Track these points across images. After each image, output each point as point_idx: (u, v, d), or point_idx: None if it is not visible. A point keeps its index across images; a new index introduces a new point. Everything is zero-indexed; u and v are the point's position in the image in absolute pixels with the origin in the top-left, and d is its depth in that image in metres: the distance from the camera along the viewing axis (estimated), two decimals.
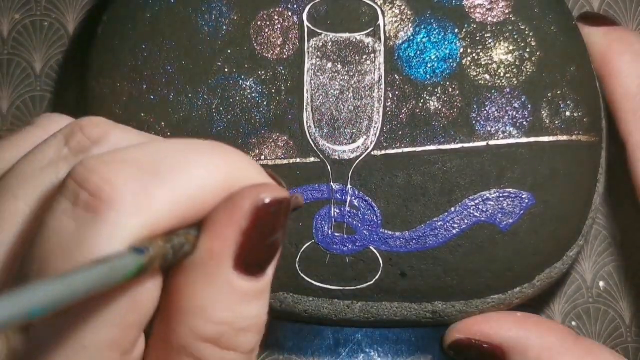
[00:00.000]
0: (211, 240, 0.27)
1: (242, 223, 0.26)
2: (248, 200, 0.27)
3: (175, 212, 0.26)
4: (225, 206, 0.27)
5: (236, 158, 0.28)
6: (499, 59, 0.38)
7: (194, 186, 0.26)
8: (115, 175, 0.25)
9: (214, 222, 0.27)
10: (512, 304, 0.39)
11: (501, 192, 0.38)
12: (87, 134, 0.28)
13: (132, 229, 0.25)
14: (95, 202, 0.25)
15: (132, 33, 0.39)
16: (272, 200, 0.27)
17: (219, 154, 0.28)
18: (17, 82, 0.46)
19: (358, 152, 0.38)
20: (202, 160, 0.27)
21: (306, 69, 0.39)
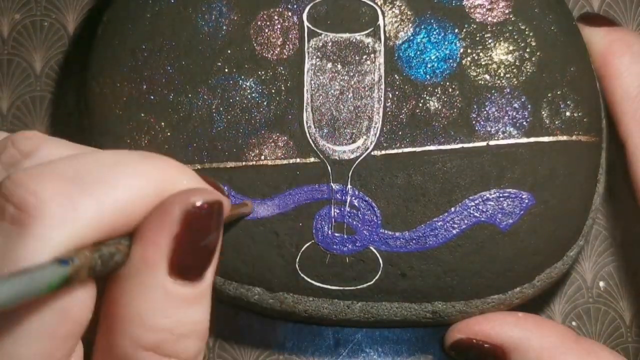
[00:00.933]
0: (143, 247, 0.27)
1: (173, 228, 0.26)
2: (177, 205, 0.27)
3: (103, 222, 0.26)
4: (155, 213, 0.27)
5: (166, 165, 0.28)
6: (499, 59, 0.38)
7: (122, 196, 0.26)
8: (41, 188, 0.25)
9: (145, 229, 0.27)
10: (512, 304, 0.39)
11: (501, 192, 0.38)
12: (18, 147, 0.28)
13: (57, 241, 0.25)
14: (21, 215, 0.25)
15: (132, 33, 0.39)
16: (202, 203, 0.27)
17: (148, 163, 0.28)
18: (17, 82, 0.46)
19: (358, 152, 0.38)
20: (130, 169, 0.27)
21: (306, 69, 0.39)
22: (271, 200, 0.38)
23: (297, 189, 0.38)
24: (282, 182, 0.38)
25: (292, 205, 0.38)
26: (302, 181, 0.38)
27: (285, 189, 0.38)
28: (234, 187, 0.38)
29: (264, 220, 0.38)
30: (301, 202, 0.38)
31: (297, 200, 0.38)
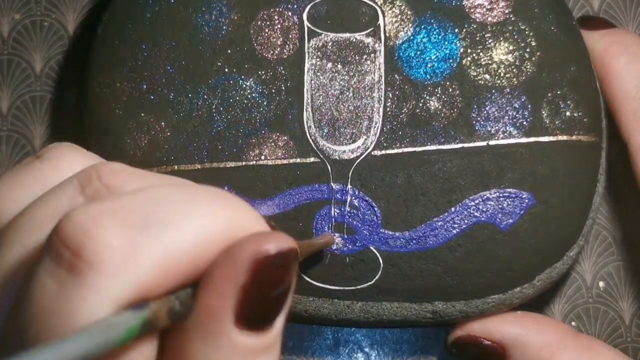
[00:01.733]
0: (208, 296, 0.25)
1: (240, 278, 0.24)
2: (246, 253, 0.24)
3: (167, 270, 0.24)
4: (222, 260, 0.25)
5: (235, 207, 0.26)
6: (499, 59, 0.38)
7: (189, 240, 0.24)
8: (101, 232, 0.23)
9: (211, 277, 0.25)
10: (512, 303, 0.39)
11: (501, 192, 0.38)
12: (104, 181, 0.26)
13: (118, 292, 0.23)
14: (78, 263, 0.23)
15: (132, 33, 0.39)
16: (276, 252, 0.25)
17: (217, 202, 0.26)
18: (17, 82, 0.46)
19: (358, 152, 0.38)
20: (199, 209, 0.25)
21: (306, 69, 0.39)
22: (271, 200, 0.38)
23: (297, 189, 0.38)
24: (282, 181, 0.38)
25: (292, 205, 0.38)
26: (302, 181, 0.38)
27: (286, 189, 0.38)
28: (234, 187, 0.38)
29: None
30: (301, 202, 0.38)
31: (297, 200, 0.38)
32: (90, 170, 0.27)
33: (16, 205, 0.28)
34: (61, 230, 0.24)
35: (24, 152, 0.45)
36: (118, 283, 0.23)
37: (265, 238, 0.25)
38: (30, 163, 0.29)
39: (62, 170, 0.28)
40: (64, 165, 0.29)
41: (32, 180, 0.29)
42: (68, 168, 0.28)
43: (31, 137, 0.45)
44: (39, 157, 0.29)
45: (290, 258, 0.25)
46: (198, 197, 0.26)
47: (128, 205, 0.24)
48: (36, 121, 0.46)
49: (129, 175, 0.27)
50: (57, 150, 0.30)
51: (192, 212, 0.25)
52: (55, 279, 0.23)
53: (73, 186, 0.27)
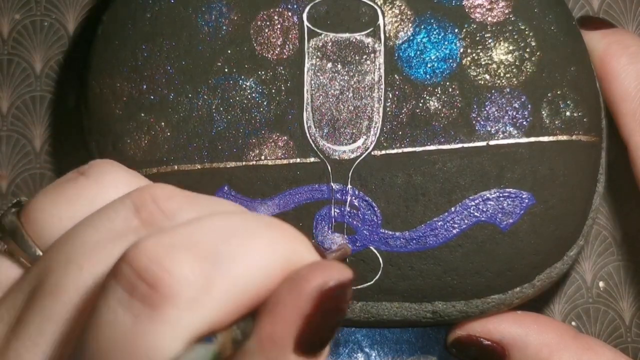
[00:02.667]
0: (272, 324, 0.25)
1: (305, 308, 0.25)
2: (311, 284, 0.25)
3: (236, 302, 0.25)
4: (287, 290, 0.25)
5: (292, 236, 0.26)
6: (499, 59, 0.38)
7: (255, 272, 0.25)
8: (176, 265, 0.24)
9: (275, 306, 0.25)
10: (513, 303, 0.39)
11: (501, 192, 0.38)
12: (160, 206, 0.27)
13: (192, 326, 0.23)
14: (154, 296, 0.23)
15: (132, 33, 0.39)
16: (337, 284, 0.25)
17: (277, 233, 0.26)
18: (17, 82, 0.46)
19: (358, 152, 0.38)
20: (262, 242, 0.25)
21: (306, 69, 0.39)
22: (271, 200, 0.38)
23: (297, 189, 0.38)
24: (282, 181, 0.38)
25: (292, 205, 0.38)
26: (302, 181, 0.38)
27: (286, 189, 0.38)
28: (234, 187, 0.38)
29: None
30: (301, 202, 0.38)
31: (297, 200, 0.38)
32: (144, 192, 0.27)
33: (62, 222, 0.28)
34: (133, 260, 0.24)
35: (24, 152, 0.45)
36: (193, 317, 0.23)
37: (329, 270, 0.25)
38: (73, 179, 0.29)
39: (107, 187, 0.29)
40: (109, 182, 0.29)
41: (76, 196, 0.29)
42: (113, 185, 0.29)
43: (31, 137, 0.45)
44: (83, 173, 0.29)
45: (349, 287, 0.26)
46: (259, 227, 0.26)
47: (197, 237, 0.25)
48: (36, 121, 0.46)
49: (183, 199, 0.27)
50: (101, 166, 0.30)
51: (257, 244, 0.25)
52: (129, 310, 0.23)
53: (127, 208, 0.27)
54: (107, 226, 0.27)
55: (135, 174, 0.30)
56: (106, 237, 0.26)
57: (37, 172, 0.45)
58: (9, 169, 0.45)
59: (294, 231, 0.27)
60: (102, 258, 0.26)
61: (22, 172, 0.45)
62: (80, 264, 0.26)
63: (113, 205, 0.27)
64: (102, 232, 0.26)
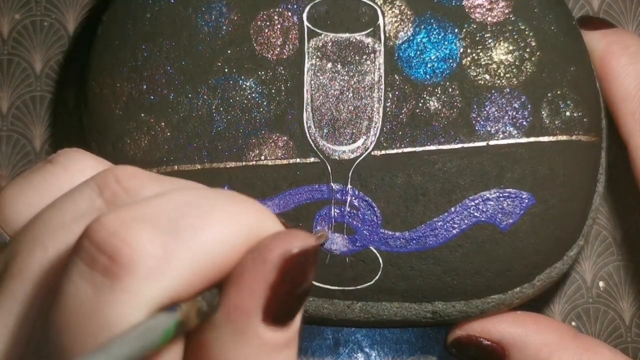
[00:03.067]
0: (237, 295, 0.25)
1: (270, 277, 0.25)
2: (274, 252, 0.25)
3: (197, 273, 0.25)
4: (250, 259, 0.26)
5: (254, 208, 0.27)
6: (499, 59, 0.38)
7: (216, 243, 0.25)
8: (135, 237, 0.24)
9: (240, 276, 0.25)
10: (513, 304, 0.39)
11: (501, 192, 0.38)
12: (123, 185, 0.27)
13: (152, 296, 0.24)
14: (114, 267, 0.23)
15: (131, 33, 0.39)
16: (300, 250, 0.25)
17: (238, 206, 0.26)
18: (17, 82, 0.46)
19: (358, 152, 0.38)
20: (223, 214, 0.26)
21: (306, 69, 0.39)
22: (271, 200, 0.38)
23: (297, 189, 0.38)
24: (282, 182, 0.38)
25: (292, 205, 0.38)
26: (302, 181, 0.38)
27: (286, 189, 0.38)
28: (234, 187, 0.38)
29: None
30: (301, 202, 0.38)
31: (297, 200, 0.38)
32: (107, 173, 0.27)
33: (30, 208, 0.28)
34: (93, 234, 0.24)
35: (24, 152, 0.45)
36: (154, 286, 0.24)
37: (291, 237, 0.26)
38: (41, 167, 0.29)
39: (74, 174, 0.29)
40: (76, 169, 0.29)
41: (44, 183, 0.29)
42: (80, 172, 0.29)
43: (31, 137, 0.45)
44: (51, 161, 0.29)
45: (313, 255, 0.26)
46: (219, 200, 0.26)
47: (157, 210, 0.25)
48: (36, 121, 0.46)
49: (146, 178, 0.27)
50: (69, 154, 0.30)
51: (217, 216, 0.25)
52: (91, 283, 0.24)
53: (90, 189, 0.27)
54: (71, 207, 0.27)
55: (103, 161, 0.30)
56: (70, 217, 0.27)
57: None
58: (9, 169, 0.45)
59: (258, 204, 0.27)
60: (66, 236, 0.26)
61: (22, 172, 0.45)
62: (44, 244, 0.26)
63: (78, 187, 0.27)
64: (66, 213, 0.27)
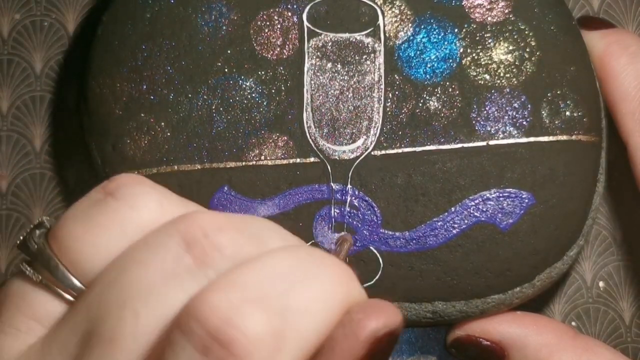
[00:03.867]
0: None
1: (359, 353, 0.25)
2: (366, 330, 0.25)
3: (306, 352, 0.25)
4: (342, 335, 0.25)
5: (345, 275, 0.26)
6: (499, 59, 0.38)
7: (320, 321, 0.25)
8: (248, 324, 0.23)
9: (331, 351, 0.25)
10: (512, 304, 0.39)
11: (501, 191, 0.38)
12: (212, 240, 0.26)
13: None
14: (229, 357, 0.23)
15: (131, 33, 0.39)
16: (390, 330, 0.26)
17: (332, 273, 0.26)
18: (17, 82, 0.46)
19: (358, 152, 0.38)
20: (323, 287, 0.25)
21: (306, 69, 0.39)
22: (271, 200, 0.38)
23: (297, 189, 0.38)
24: (282, 182, 0.38)
25: (292, 205, 0.38)
26: (302, 181, 0.38)
27: (285, 189, 0.38)
28: (234, 188, 0.38)
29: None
30: (301, 202, 0.38)
31: (297, 200, 0.38)
32: (192, 223, 0.26)
33: (96, 250, 0.27)
34: (203, 318, 0.23)
35: (24, 152, 0.45)
36: None
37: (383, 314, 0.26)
38: (102, 201, 0.28)
39: (139, 210, 0.28)
40: (140, 205, 0.28)
41: (109, 222, 0.28)
42: (145, 207, 0.28)
43: (31, 137, 0.45)
44: (112, 195, 0.28)
45: (399, 332, 0.26)
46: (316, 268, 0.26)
47: (262, 287, 0.24)
48: (36, 121, 0.46)
49: (234, 231, 0.27)
50: (129, 187, 0.28)
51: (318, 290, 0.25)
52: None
53: (175, 242, 0.26)
54: (158, 265, 0.26)
55: (163, 190, 0.29)
56: (159, 278, 0.26)
57: (37, 172, 0.45)
58: (9, 169, 0.45)
59: (344, 266, 0.27)
60: (158, 303, 0.25)
61: (22, 172, 0.45)
62: (135, 310, 0.25)
63: (159, 238, 0.26)
64: (153, 272, 0.26)
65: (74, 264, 0.28)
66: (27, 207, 0.45)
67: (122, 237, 0.27)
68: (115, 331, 0.25)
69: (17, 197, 0.45)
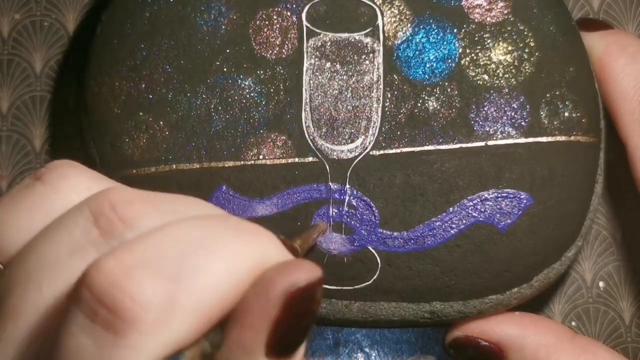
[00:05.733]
0: (240, 332, 0.25)
1: (273, 312, 0.24)
2: (278, 287, 0.24)
3: (203, 318, 0.24)
4: (253, 296, 0.25)
5: (260, 238, 0.26)
6: (498, 60, 0.38)
7: (220, 284, 0.24)
8: (137, 288, 0.23)
9: (242, 313, 0.25)
10: (510, 304, 0.39)
11: (499, 192, 0.38)
12: (119, 213, 0.25)
13: (157, 349, 0.23)
14: (117, 322, 0.22)
15: (130, 32, 0.39)
16: (305, 284, 0.25)
17: (242, 237, 0.25)
18: (17, 82, 0.46)
19: (356, 151, 0.38)
20: (227, 250, 0.25)
21: (305, 69, 0.39)
22: (269, 200, 0.38)
23: (295, 189, 0.38)
24: (281, 181, 0.38)
25: (290, 205, 0.38)
26: (300, 181, 0.38)
27: (284, 189, 0.38)
28: (233, 187, 0.38)
29: (263, 219, 0.38)
30: (299, 202, 0.38)
31: (295, 200, 0.38)
32: (102, 198, 0.26)
33: (20, 233, 0.27)
34: (93, 283, 0.23)
35: (24, 152, 0.45)
36: (158, 340, 0.23)
37: (296, 269, 0.25)
38: (30, 185, 0.28)
39: (65, 193, 0.27)
40: (66, 187, 0.28)
41: (34, 205, 0.27)
42: (71, 190, 0.27)
43: (31, 137, 0.46)
44: (40, 179, 0.28)
45: (318, 287, 0.25)
46: (223, 232, 0.25)
47: (157, 252, 0.24)
48: (36, 121, 0.46)
49: (144, 204, 0.26)
50: (59, 170, 0.28)
51: (221, 253, 0.24)
52: (92, 337, 0.23)
53: (84, 217, 0.26)
54: (65, 239, 0.26)
55: (97, 175, 0.29)
56: (65, 251, 0.25)
57: None
58: (9, 169, 0.45)
59: (262, 231, 0.26)
60: (61, 275, 0.25)
61: (22, 172, 0.45)
62: (39, 283, 0.25)
63: (70, 214, 0.26)
64: (60, 246, 0.25)
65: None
66: None
67: (46, 219, 0.27)
68: (18, 305, 0.25)
69: None
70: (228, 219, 0.26)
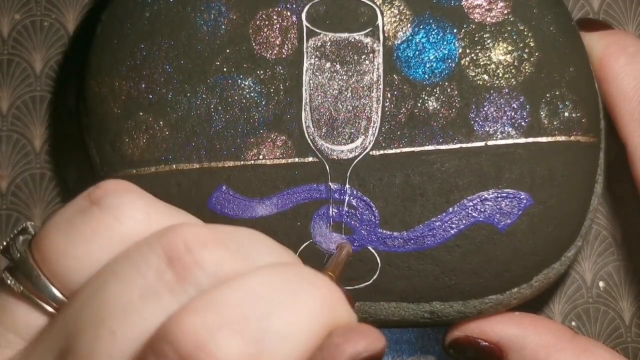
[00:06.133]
0: None
1: None
2: (345, 355, 0.25)
3: None
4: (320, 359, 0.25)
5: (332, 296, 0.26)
6: (498, 60, 0.38)
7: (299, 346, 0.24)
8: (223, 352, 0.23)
9: None
10: (510, 304, 0.39)
11: (499, 192, 0.38)
12: (194, 256, 0.25)
13: None
14: None
15: (130, 32, 0.39)
16: (370, 355, 0.25)
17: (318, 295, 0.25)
18: (17, 82, 0.46)
19: (356, 152, 0.38)
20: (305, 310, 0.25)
21: (305, 69, 0.39)
22: (269, 200, 0.38)
23: (295, 189, 0.38)
24: (281, 181, 0.38)
25: (290, 205, 0.38)
26: (300, 181, 0.38)
27: (284, 189, 0.38)
28: (233, 187, 0.38)
29: (263, 219, 0.38)
30: (299, 202, 0.38)
31: (295, 200, 0.38)
32: (175, 237, 0.26)
33: (79, 262, 0.27)
34: (178, 342, 0.23)
35: (24, 152, 0.45)
36: None
37: (362, 338, 0.25)
38: (87, 210, 0.27)
39: (125, 222, 0.27)
40: (125, 215, 0.27)
41: (93, 233, 0.27)
42: (131, 218, 0.27)
43: (31, 137, 0.46)
44: (96, 203, 0.27)
45: (380, 356, 0.25)
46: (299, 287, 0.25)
47: (240, 312, 0.24)
48: (36, 121, 0.46)
49: (218, 246, 0.26)
50: (115, 196, 0.28)
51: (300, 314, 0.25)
52: None
53: (157, 256, 0.25)
54: (137, 280, 0.25)
55: (151, 199, 0.29)
56: (138, 294, 0.25)
57: (37, 172, 0.45)
58: (8, 169, 0.45)
59: (332, 288, 0.26)
60: (135, 322, 0.25)
61: (22, 172, 0.45)
62: (112, 328, 0.25)
63: (141, 251, 0.26)
64: (132, 288, 0.25)
65: (56, 275, 0.27)
66: (27, 207, 0.45)
67: (105, 249, 0.27)
68: (91, 350, 0.25)
69: (17, 197, 0.45)
70: (301, 270, 0.26)
